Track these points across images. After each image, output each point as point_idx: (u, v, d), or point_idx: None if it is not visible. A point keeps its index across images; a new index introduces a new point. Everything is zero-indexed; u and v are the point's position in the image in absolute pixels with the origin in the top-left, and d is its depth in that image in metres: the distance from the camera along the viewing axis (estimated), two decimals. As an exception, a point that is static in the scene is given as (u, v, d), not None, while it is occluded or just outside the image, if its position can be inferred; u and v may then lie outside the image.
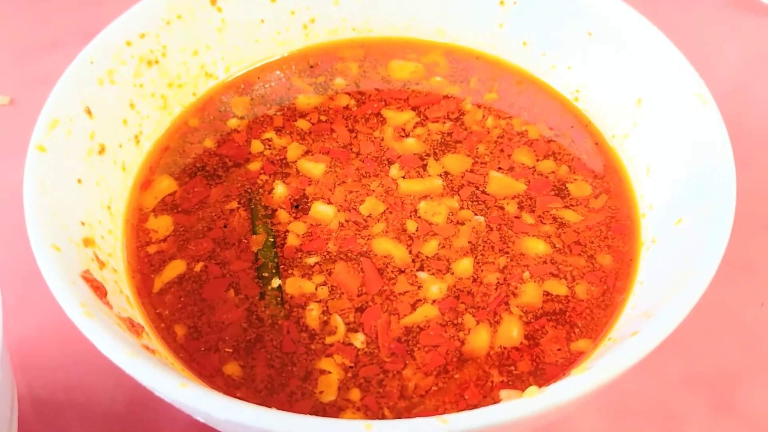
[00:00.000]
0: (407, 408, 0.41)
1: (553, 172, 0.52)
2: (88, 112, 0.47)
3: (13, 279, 0.53)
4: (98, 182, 0.47)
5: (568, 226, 0.49)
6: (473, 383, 0.42)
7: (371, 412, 0.41)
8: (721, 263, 0.37)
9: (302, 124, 0.55)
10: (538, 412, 0.31)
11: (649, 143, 0.49)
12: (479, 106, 0.56)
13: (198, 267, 0.47)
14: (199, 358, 0.43)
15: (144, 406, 0.50)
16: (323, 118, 0.56)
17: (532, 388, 0.33)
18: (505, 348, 0.43)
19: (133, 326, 0.39)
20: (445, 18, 0.59)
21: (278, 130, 0.55)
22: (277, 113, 0.56)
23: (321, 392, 0.42)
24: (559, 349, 0.43)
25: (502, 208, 0.50)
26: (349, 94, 0.57)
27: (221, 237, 0.48)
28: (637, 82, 0.50)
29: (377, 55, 0.60)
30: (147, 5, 0.51)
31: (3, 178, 0.62)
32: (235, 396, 0.41)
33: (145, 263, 0.47)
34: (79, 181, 0.45)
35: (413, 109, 0.56)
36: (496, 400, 0.40)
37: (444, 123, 0.55)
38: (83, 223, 0.43)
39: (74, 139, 0.45)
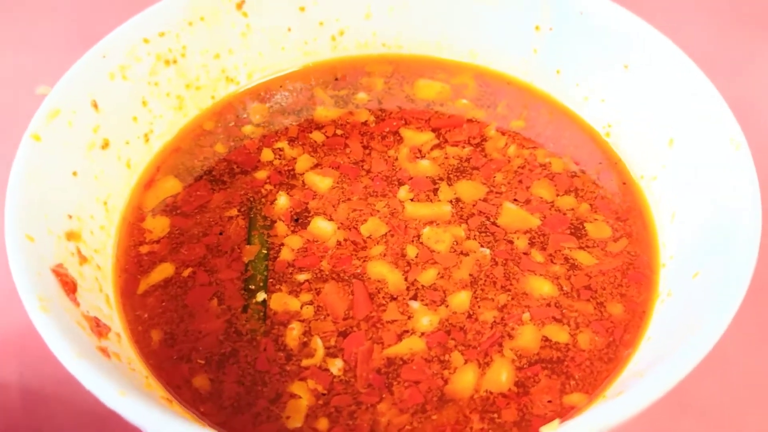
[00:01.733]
0: (376, 445, 0.38)
1: (573, 209, 0.48)
2: (95, 105, 0.46)
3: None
4: (97, 177, 0.46)
5: (580, 269, 0.45)
6: (450, 427, 0.39)
7: (337, 444, 0.38)
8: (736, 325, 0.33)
9: (317, 136, 0.53)
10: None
11: (678, 187, 0.45)
12: (503, 133, 0.53)
13: (186, 272, 0.45)
14: (169, 367, 0.41)
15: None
16: (339, 132, 0.54)
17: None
18: (491, 393, 0.40)
19: (98, 326, 0.38)
20: (479, 40, 0.57)
21: (291, 141, 0.53)
22: (293, 123, 0.54)
23: (288, 417, 0.39)
24: (549, 401, 0.40)
25: (512, 242, 0.46)
26: (369, 109, 0.55)
27: (215, 244, 0.47)
28: (670, 121, 0.46)
29: (405, 72, 0.58)
30: (169, 4, 0.50)
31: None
32: (198, 410, 0.40)
33: (134, 263, 0.46)
34: (75, 173, 0.44)
35: (433, 130, 0.53)
36: (469, 449, 0.36)
37: (463, 147, 0.52)
38: (71, 216, 0.42)
39: (75, 131, 0.45)
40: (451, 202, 0.49)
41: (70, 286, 0.38)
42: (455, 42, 0.57)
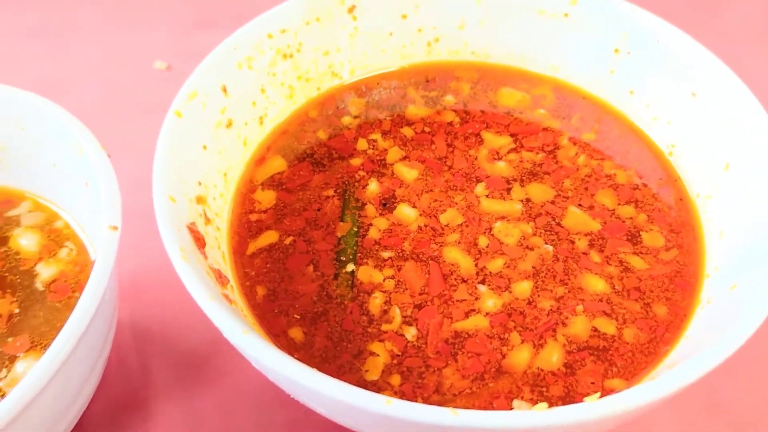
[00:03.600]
0: (439, 402, 0.45)
1: (631, 218, 0.54)
2: (224, 90, 0.54)
3: (136, 222, 0.61)
4: (220, 152, 0.54)
5: (633, 272, 0.51)
6: (504, 395, 0.45)
7: (406, 398, 0.45)
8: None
9: (407, 131, 0.60)
10: (539, 426, 0.35)
11: (729, 209, 0.50)
12: (575, 143, 0.59)
13: (288, 240, 0.53)
14: (270, 318, 0.49)
15: (219, 351, 0.57)
16: (427, 129, 0.60)
17: (542, 405, 0.37)
18: (542, 370, 0.46)
19: (220, 278, 0.46)
20: (560, 56, 0.62)
21: (384, 134, 0.60)
22: (387, 118, 0.61)
23: (366, 371, 0.46)
24: (592, 383, 0.46)
25: (573, 242, 0.52)
26: (455, 111, 0.62)
27: (313, 218, 0.54)
28: (728, 147, 0.51)
29: (490, 80, 0.64)
30: (292, 5, 0.58)
31: (155, 130, 0.72)
32: (293, 357, 0.47)
33: (244, 228, 0.54)
34: (204, 147, 0.52)
35: (511, 135, 0.60)
36: (519, 413, 0.43)
37: (537, 153, 0.58)
38: (200, 183, 0.50)
39: (207, 111, 0.52)
40: (522, 201, 0.55)
41: (200, 242, 0.46)
42: (538, 56, 0.63)
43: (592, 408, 0.35)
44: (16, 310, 0.51)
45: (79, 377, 0.45)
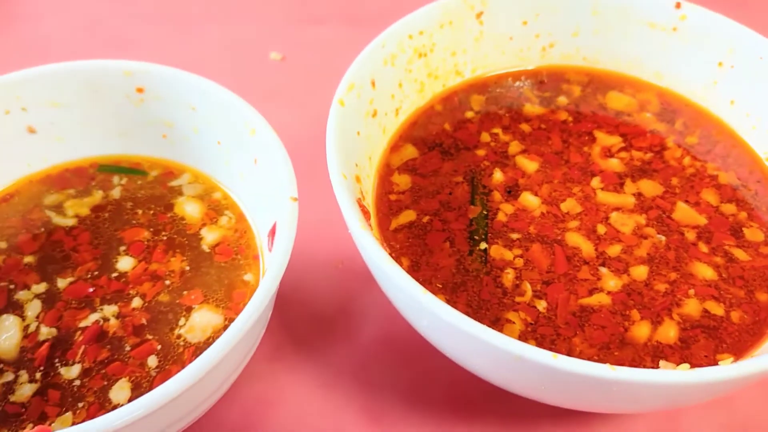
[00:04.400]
0: (570, 366, 0.51)
1: (733, 215, 0.60)
2: (373, 83, 0.60)
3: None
4: (368, 138, 0.60)
5: (737, 262, 0.57)
6: (627, 362, 0.51)
7: (541, 360, 0.51)
8: None
9: (524, 127, 0.66)
10: (683, 383, 0.41)
11: (828, 209, 0.56)
12: (679, 146, 0.65)
13: (425, 219, 0.59)
14: (417, 286, 0.55)
15: (348, 315, 0.63)
16: (543, 126, 0.66)
17: (685, 365, 0.43)
18: (660, 343, 0.52)
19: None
20: (667, 65, 0.68)
21: (504, 128, 0.66)
22: (506, 114, 0.67)
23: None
24: (705, 356, 0.52)
25: (683, 234, 0.58)
26: (568, 111, 0.68)
27: (446, 201, 0.61)
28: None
29: (599, 84, 0.70)
30: (430, 9, 0.64)
31: (278, 119, 0.79)
32: (438, 320, 0.54)
33: (386, 206, 0.60)
34: (358, 133, 0.58)
35: (621, 135, 0.66)
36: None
37: (646, 153, 0.64)
38: (356, 165, 0.57)
39: (360, 101, 0.59)
40: (634, 195, 0.61)
41: (366, 215, 0.52)
42: (646, 64, 0.69)
43: (732, 369, 0.41)
44: (187, 268, 0.58)
45: (258, 331, 0.52)
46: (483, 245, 0.58)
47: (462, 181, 0.62)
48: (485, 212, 0.60)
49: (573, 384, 0.43)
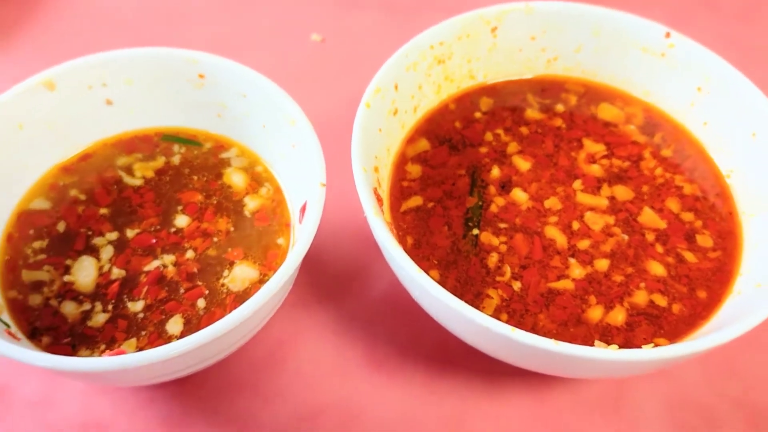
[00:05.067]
0: (533, 336, 0.63)
1: (690, 222, 0.71)
2: (396, 87, 0.72)
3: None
4: (388, 133, 0.72)
5: (685, 264, 0.68)
6: (580, 338, 0.64)
7: (510, 330, 0.64)
8: None
9: (524, 129, 0.77)
10: (609, 359, 0.53)
11: (765, 228, 0.67)
12: (655, 157, 0.75)
13: (430, 205, 0.71)
14: (417, 261, 0.67)
15: (360, 277, 0.76)
16: (539, 130, 0.77)
17: (614, 346, 0.55)
18: (609, 325, 0.64)
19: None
20: (654, 84, 0.78)
21: (506, 130, 0.77)
22: (509, 117, 0.78)
23: (483, 308, 0.65)
24: (644, 339, 0.64)
25: (643, 235, 0.70)
26: (563, 117, 0.78)
27: (449, 190, 0.72)
28: (770, 180, 0.67)
29: (593, 95, 0.80)
30: (451, 23, 0.74)
31: (314, 99, 0.90)
32: (431, 290, 0.66)
33: (398, 191, 0.72)
34: (380, 130, 0.70)
35: (605, 144, 0.76)
36: (591, 352, 0.61)
37: (624, 161, 0.75)
38: (376, 157, 0.69)
39: (384, 102, 0.70)
40: (608, 198, 0.72)
41: (380, 202, 0.64)
42: (636, 81, 0.79)
43: (648, 353, 0.53)
44: (231, 228, 0.71)
45: (287, 287, 0.65)
46: (475, 231, 0.69)
47: (464, 174, 0.74)
48: (480, 203, 0.71)
49: (526, 352, 0.56)
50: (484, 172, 0.74)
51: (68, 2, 1.07)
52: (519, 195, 0.72)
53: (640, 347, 0.63)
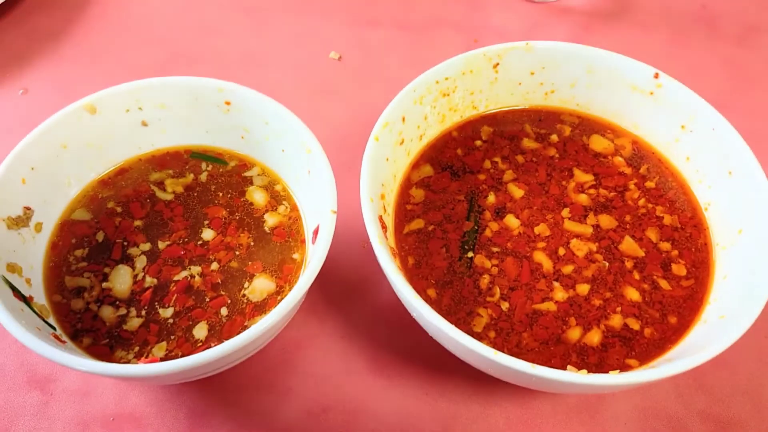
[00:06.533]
0: (517, 354, 0.71)
1: (667, 252, 0.78)
2: (403, 119, 0.79)
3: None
4: (395, 161, 0.79)
5: (659, 290, 0.75)
6: (559, 356, 0.71)
7: (497, 347, 0.71)
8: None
9: (519, 158, 0.84)
10: (579, 383, 0.60)
11: (735, 261, 0.73)
12: (639, 188, 0.82)
13: (430, 228, 0.79)
14: (416, 280, 0.75)
15: (367, 286, 0.84)
16: (534, 159, 0.84)
17: (583, 371, 0.63)
18: (586, 344, 0.72)
19: (393, 254, 0.72)
20: (642, 119, 0.84)
21: (503, 158, 0.84)
22: (507, 146, 0.85)
23: (474, 325, 0.73)
24: (617, 359, 0.71)
25: (623, 262, 0.77)
26: (556, 147, 0.85)
27: (448, 214, 0.80)
28: (744, 217, 0.74)
29: (586, 127, 0.87)
30: (455, 61, 0.81)
31: (328, 109, 0.98)
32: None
33: (403, 214, 0.80)
34: (387, 159, 0.77)
35: (594, 174, 0.83)
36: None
37: (610, 192, 0.82)
38: (383, 185, 0.76)
39: (392, 134, 0.77)
40: (593, 226, 0.79)
41: (384, 229, 0.72)
42: (626, 116, 0.86)
43: (614, 378, 0.61)
44: (252, 243, 0.79)
45: (303, 297, 0.73)
46: (470, 254, 0.77)
47: (463, 199, 0.81)
48: (476, 227, 0.79)
49: (507, 372, 0.63)
50: (481, 198, 0.81)
51: (104, 15, 1.15)
52: (512, 221, 0.79)
53: (613, 367, 0.71)
